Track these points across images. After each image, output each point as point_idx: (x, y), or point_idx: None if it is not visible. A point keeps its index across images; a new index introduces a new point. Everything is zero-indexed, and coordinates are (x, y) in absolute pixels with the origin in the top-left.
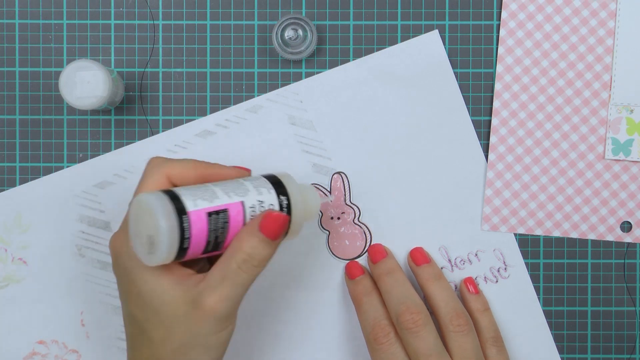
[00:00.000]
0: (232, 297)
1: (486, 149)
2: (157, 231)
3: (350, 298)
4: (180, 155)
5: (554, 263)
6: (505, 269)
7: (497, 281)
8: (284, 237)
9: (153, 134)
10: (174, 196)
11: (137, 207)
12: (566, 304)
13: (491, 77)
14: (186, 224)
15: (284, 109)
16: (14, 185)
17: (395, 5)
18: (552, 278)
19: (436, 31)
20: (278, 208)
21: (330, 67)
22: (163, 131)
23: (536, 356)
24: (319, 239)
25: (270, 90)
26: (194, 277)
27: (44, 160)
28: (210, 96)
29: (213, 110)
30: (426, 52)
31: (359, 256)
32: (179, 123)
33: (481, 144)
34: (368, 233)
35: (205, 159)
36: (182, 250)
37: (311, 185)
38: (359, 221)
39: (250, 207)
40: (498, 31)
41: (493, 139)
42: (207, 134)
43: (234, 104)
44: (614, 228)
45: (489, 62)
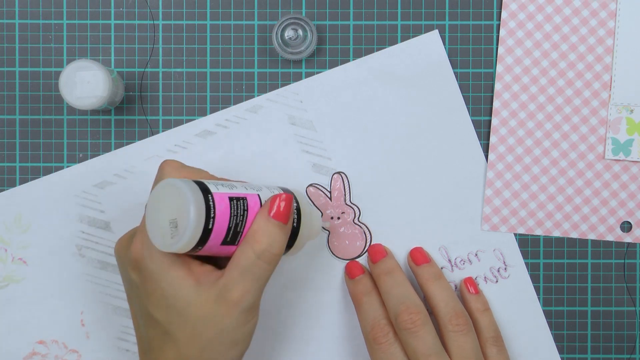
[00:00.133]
0: (255, 288)
1: (486, 149)
2: (185, 208)
3: (350, 298)
4: (180, 155)
5: (554, 263)
6: (505, 269)
7: (497, 281)
8: (287, 252)
9: (153, 134)
10: (196, 181)
11: (160, 192)
12: (566, 304)
13: (491, 77)
14: (211, 202)
15: (284, 109)
16: (14, 185)
17: (395, 5)
18: (552, 278)
19: (436, 31)
20: None
21: (330, 67)
22: (163, 131)
23: (536, 356)
24: (319, 239)
25: (270, 90)
26: (214, 273)
27: (44, 160)
28: (210, 96)
29: (213, 110)
30: (426, 52)
31: (359, 256)
32: (179, 123)
33: (481, 144)
34: (368, 233)
35: (205, 159)
36: (205, 233)
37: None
38: (359, 221)
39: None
40: (498, 31)
41: (493, 139)
42: (207, 134)
43: (234, 104)
44: (614, 228)
45: (489, 62)
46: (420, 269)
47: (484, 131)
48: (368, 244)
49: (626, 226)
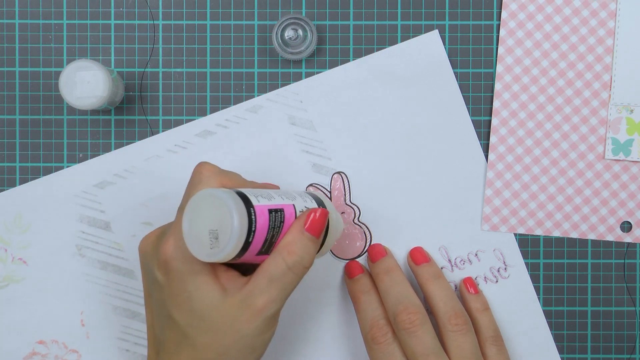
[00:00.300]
0: (281, 298)
1: (486, 149)
2: (228, 222)
3: (350, 298)
4: (180, 155)
5: (554, 263)
6: (505, 269)
7: (497, 281)
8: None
9: (153, 134)
10: (238, 192)
11: (201, 201)
12: (566, 304)
13: (491, 77)
14: (253, 216)
15: (284, 109)
16: (14, 185)
17: (395, 5)
18: (552, 278)
19: (436, 31)
20: None
21: (330, 67)
22: (163, 131)
23: (536, 356)
24: None
25: (270, 90)
26: (239, 280)
27: (44, 160)
28: (210, 96)
29: (213, 110)
30: (426, 52)
31: (358, 256)
32: (179, 123)
33: (481, 144)
34: (368, 233)
35: (205, 159)
36: (245, 244)
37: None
38: (359, 221)
39: (300, 211)
40: (498, 31)
41: (493, 139)
42: (207, 134)
43: (234, 104)
44: (614, 228)
45: (489, 62)
46: (420, 269)
47: (484, 131)
48: (368, 243)
49: (626, 226)
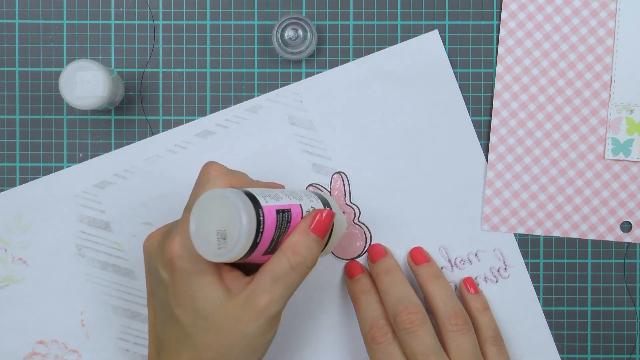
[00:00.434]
0: (283, 298)
1: (486, 149)
2: (236, 223)
3: (350, 298)
4: (180, 155)
5: (554, 263)
6: (505, 269)
7: (497, 281)
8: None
9: (153, 134)
10: (246, 192)
11: (209, 201)
12: (566, 304)
13: (491, 77)
14: (261, 217)
15: (284, 109)
16: (14, 185)
17: (395, 5)
18: (552, 278)
19: (436, 31)
20: None
21: (330, 67)
22: (163, 131)
23: (536, 356)
24: None
25: (270, 90)
26: (242, 279)
27: (44, 160)
28: (210, 96)
29: (213, 110)
30: (426, 52)
31: (358, 256)
32: (179, 123)
33: (481, 144)
34: (368, 233)
35: (205, 158)
36: (253, 245)
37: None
38: (359, 221)
39: (306, 211)
40: (498, 31)
41: (493, 139)
42: (207, 134)
43: (234, 104)
44: (614, 228)
45: (489, 62)
46: (420, 269)
47: (484, 131)
48: (368, 244)
49: (626, 226)
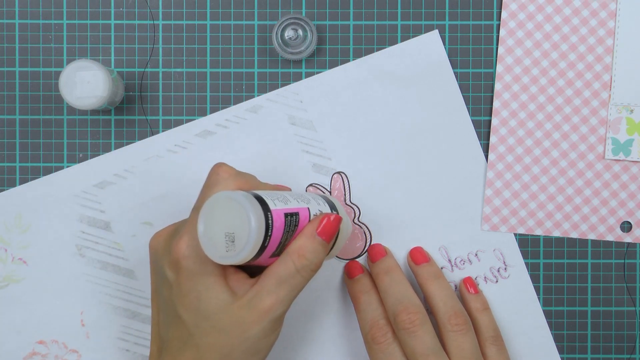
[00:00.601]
0: (287, 300)
1: (486, 149)
2: (245, 226)
3: (350, 298)
4: (180, 155)
5: (554, 263)
6: (505, 269)
7: (497, 281)
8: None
9: (153, 134)
10: (255, 195)
11: (218, 203)
12: (566, 304)
13: (491, 77)
14: (270, 220)
15: (284, 109)
16: (14, 185)
17: (395, 5)
18: (552, 278)
19: (436, 31)
20: None
21: (330, 67)
22: (163, 131)
23: (536, 356)
24: None
25: (270, 90)
26: (247, 281)
27: (44, 160)
28: (210, 96)
29: (213, 110)
30: (426, 52)
31: (358, 256)
32: (179, 123)
33: (481, 144)
34: (368, 233)
35: (205, 158)
36: (261, 248)
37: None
38: (359, 221)
39: (314, 215)
40: (498, 31)
41: (493, 139)
42: (207, 134)
43: (234, 104)
44: (614, 228)
45: (489, 62)
46: (420, 269)
47: (484, 131)
48: (368, 244)
49: (626, 226)
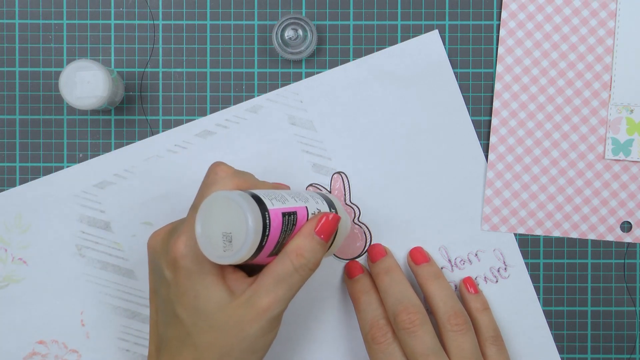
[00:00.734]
0: (285, 299)
1: (486, 149)
2: (243, 227)
3: (350, 298)
4: (180, 155)
5: (554, 263)
6: (505, 269)
7: (497, 281)
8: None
9: (153, 134)
10: (252, 194)
11: (215, 203)
12: (566, 304)
13: (491, 77)
14: (268, 220)
15: (284, 109)
16: (14, 185)
17: (395, 5)
18: (552, 278)
19: (436, 31)
20: None
21: (330, 67)
22: (163, 131)
23: (536, 356)
24: None
25: (270, 90)
26: (245, 281)
27: (44, 160)
28: (210, 96)
29: (213, 110)
30: (426, 52)
31: (358, 256)
32: (179, 123)
33: (481, 144)
34: (368, 233)
35: (205, 158)
36: (259, 248)
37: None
38: (359, 221)
39: (312, 214)
40: (498, 31)
41: (493, 139)
42: (207, 134)
43: (234, 104)
44: (614, 228)
45: (489, 62)
46: (420, 269)
47: (484, 131)
48: (368, 244)
49: (626, 226)
